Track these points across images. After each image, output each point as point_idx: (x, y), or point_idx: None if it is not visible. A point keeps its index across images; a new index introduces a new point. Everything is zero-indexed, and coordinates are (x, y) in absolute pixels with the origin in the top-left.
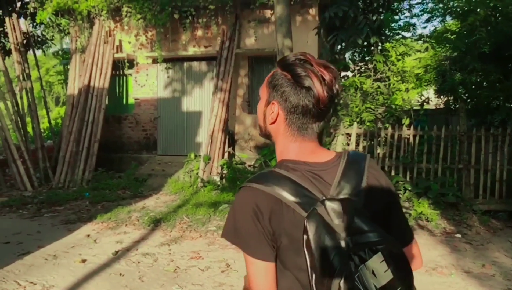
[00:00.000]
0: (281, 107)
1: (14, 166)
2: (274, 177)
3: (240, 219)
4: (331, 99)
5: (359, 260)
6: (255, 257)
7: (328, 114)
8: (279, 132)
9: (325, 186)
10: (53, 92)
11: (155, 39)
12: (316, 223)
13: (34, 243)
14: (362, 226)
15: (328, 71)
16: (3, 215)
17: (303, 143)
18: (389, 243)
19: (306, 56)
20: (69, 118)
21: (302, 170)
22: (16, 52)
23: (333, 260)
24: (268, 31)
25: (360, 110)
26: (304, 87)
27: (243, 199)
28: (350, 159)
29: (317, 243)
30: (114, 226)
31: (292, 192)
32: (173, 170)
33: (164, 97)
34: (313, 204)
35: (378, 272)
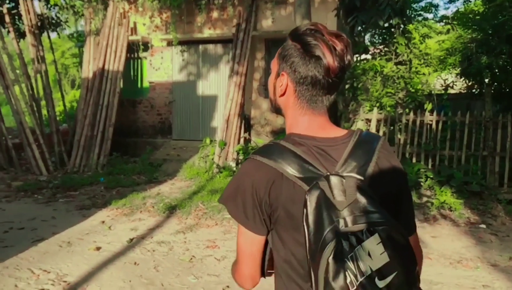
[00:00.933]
0: (290, 79)
1: (29, 150)
2: (279, 150)
3: (239, 189)
4: (342, 70)
5: (356, 240)
6: (246, 227)
7: (339, 87)
8: (288, 105)
9: (331, 162)
10: (68, 74)
11: (170, 21)
12: (316, 198)
13: (48, 229)
14: (365, 205)
15: (339, 40)
16: (18, 200)
17: (312, 116)
18: (389, 225)
19: (317, 26)
20: (83, 102)
21: (309, 144)
22: (31, 34)
23: (326, 235)
24: (285, 12)
25: (380, 95)
26: (314, 56)
27: (245, 170)
28: (361, 138)
29: (314, 218)
30: (129, 213)
31: (295, 167)
32: (188, 155)
33: (179, 80)
34: (316, 179)
35: (374, 254)
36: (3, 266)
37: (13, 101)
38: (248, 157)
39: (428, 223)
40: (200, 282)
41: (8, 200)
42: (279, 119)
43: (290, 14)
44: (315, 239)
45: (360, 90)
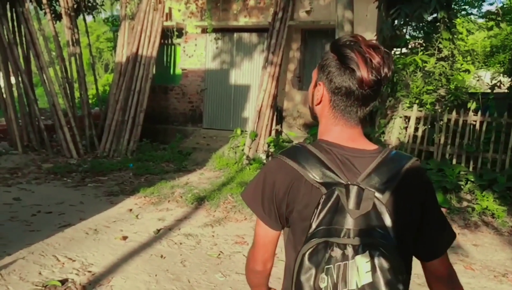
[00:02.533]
0: (326, 88)
1: (61, 133)
2: (305, 154)
3: (260, 185)
4: (377, 83)
5: (352, 252)
6: (263, 221)
7: (375, 99)
8: (323, 114)
9: (354, 172)
10: (102, 58)
11: (206, 8)
12: (330, 201)
13: (76, 215)
14: (373, 221)
15: (376, 53)
16: (48, 183)
17: (344, 127)
18: (385, 248)
19: (356, 37)
20: (116, 86)
21: (335, 152)
22: (67, 16)
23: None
24: (324, 2)
25: (420, 91)
26: (348, 68)
27: (269, 169)
28: (390, 156)
29: (321, 219)
30: (156, 202)
31: (317, 172)
32: (218, 144)
33: (212, 68)
34: (335, 185)
35: (361, 271)
36: (29, 251)
37: (47, 82)
38: (275, 156)
39: (468, 230)
40: (228, 280)
41: (38, 182)
42: None
43: (328, 5)
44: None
45: (399, 86)
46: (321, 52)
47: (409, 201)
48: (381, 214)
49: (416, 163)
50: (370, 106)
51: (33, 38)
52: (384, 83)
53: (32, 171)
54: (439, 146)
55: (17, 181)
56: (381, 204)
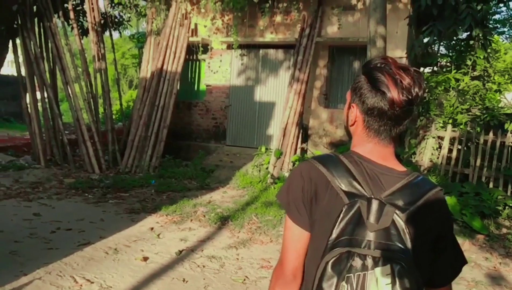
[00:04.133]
0: (359, 110)
1: (84, 147)
2: (335, 162)
3: (292, 186)
4: (408, 103)
5: (372, 264)
6: (294, 221)
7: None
8: (357, 132)
9: (379, 188)
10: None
11: (232, 23)
12: (351, 212)
13: (96, 233)
14: (394, 237)
15: (407, 74)
16: (69, 198)
17: (377, 145)
18: (406, 263)
19: (387, 59)
20: (140, 102)
21: (365, 166)
22: (93, 32)
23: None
24: (353, 19)
25: (454, 111)
26: (379, 90)
27: (301, 170)
28: (416, 180)
29: (341, 229)
30: (179, 221)
31: (344, 180)
32: (241, 162)
33: (236, 85)
34: (358, 196)
35: (380, 283)
36: (46, 271)
37: (72, 97)
38: (307, 160)
39: (510, 259)
40: None
41: (59, 198)
42: (338, 131)
43: (357, 21)
44: (331, 245)
45: (431, 105)
46: (349, 69)
47: (427, 227)
48: (401, 231)
49: (440, 193)
50: (403, 125)
51: (59, 53)
52: (417, 103)
53: (53, 186)
54: (475, 168)
55: (38, 196)
56: (401, 222)
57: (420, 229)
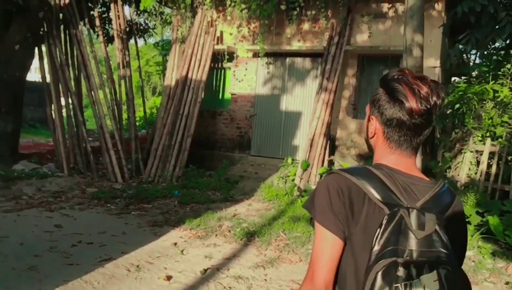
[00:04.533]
0: (379, 121)
1: (107, 156)
2: (367, 173)
3: (323, 194)
4: (427, 112)
5: (416, 272)
6: (327, 228)
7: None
8: (378, 144)
9: (413, 198)
10: (151, 82)
11: (258, 31)
12: (393, 222)
13: (117, 247)
14: (435, 243)
15: (424, 83)
16: (91, 209)
17: (400, 157)
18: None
19: (403, 71)
20: (164, 110)
21: (396, 177)
22: (118, 39)
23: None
24: (384, 27)
25: (493, 123)
26: (398, 100)
27: (332, 180)
28: (444, 189)
29: (385, 239)
30: (203, 236)
31: (380, 191)
32: (266, 173)
33: (262, 94)
34: (397, 206)
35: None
36: (65, 289)
37: (96, 104)
38: (335, 172)
39: None
40: None
41: (81, 208)
42: None
43: (388, 29)
44: (376, 257)
45: (468, 117)
46: (379, 79)
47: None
48: (442, 237)
49: (461, 202)
50: (423, 135)
51: (84, 60)
52: (435, 112)
53: (76, 195)
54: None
55: (60, 206)
56: (441, 229)
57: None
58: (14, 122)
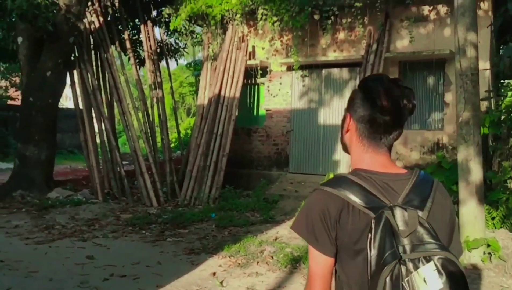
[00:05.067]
0: (353, 118)
1: (141, 179)
2: (347, 182)
3: (311, 217)
4: (397, 112)
5: (413, 266)
6: (319, 250)
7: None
8: (352, 142)
9: (393, 195)
10: (185, 103)
11: (291, 44)
12: (382, 224)
13: (152, 280)
14: (424, 236)
15: (396, 86)
16: (125, 236)
17: (374, 154)
18: (444, 255)
19: (380, 75)
20: (198, 130)
21: (374, 179)
22: (149, 60)
23: (386, 257)
24: (425, 31)
25: None
26: (371, 98)
27: (315, 200)
28: (420, 177)
29: (378, 242)
30: (244, 263)
31: (362, 197)
32: (306, 191)
33: (298, 108)
34: (381, 208)
35: (429, 280)
36: None
37: (129, 128)
38: (317, 188)
39: None
40: None
41: (114, 236)
42: (413, 154)
43: (431, 33)
44: (376, 261)
45: None
46: (423, 85)
47: (442, 215)
48: (428, 229)
49: (440, 183)
50: (393, 134)
51: (116, 84)
52: (406, 114)
53: (110, 223)
54: None
55: (93, 235)
56: (424, 220)
57: (439, 220)
58: (48, 149)
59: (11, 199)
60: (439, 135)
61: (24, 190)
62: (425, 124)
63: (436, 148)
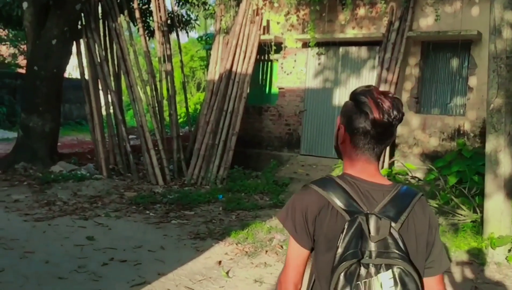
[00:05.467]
0: (347, 130)
1: (147, 156)
2: (332, 184)
3: (294, 209)
4: (389, 124)
5: (375, 271)
6: (295, 240)
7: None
8: (346, 151)
9: (372, 203)
10: (195, 77)
11: (308, 19)
12: (354, 228)
13: (154, 267)
14: (390, 245)
15: (387, 98)
16: (128, 216)
17: (365, 164)
18: (404, 265)
19: (370, 87)
20: (207, 107)
21: (358, 185)
22: (159, 31)
23: (346, 255)
24: (452, 9)
25: None
26: (363, 112)
27: (301, 195)
28: (402, 190)
29: (346, 243)
30: (251, 252)
31: (342, 200)
32: (318, 175)
33: (312, 87)
34: (357, 213)
35: (384, 286)
36: None
37: (136, 101)
38: (306, 185)
39: None
40: None
41: (117, 215)
42: (432, 139)
43: (458, 11)
44: (339, 259)
45: None
46: (446, 68)
47: (418, 229)
48: (397, 239)
49: (422, 198)
50: (385, 144)
51: (124, 55)
52: (396, 124)
53: (113, 201)
54: None
55: (95, 213)
56: (395, 231)
57: (412, 234)
58: (53, 121)
59: (13, 171)
60: (461, 121)
61: (27, 162)
62: (446, 109)
63: (456, 134)
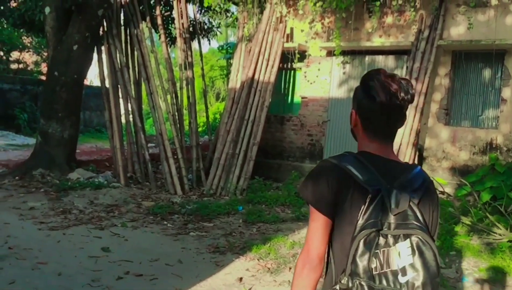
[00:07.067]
0: (358, 114)
1: (166, 165)
2: (353, 160)
3: (316, 181)
4: (397, 106)
5: (393, 241)
6: (318, 210)
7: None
8: (359, 134)
9: (392, 178)
10: (214, 87)
11: (333, 27)
12: (376, 201)
13: (171, 282)
14: (410, 217)
15: (394, 81)
16: (145, 227)
17: (378, 144)
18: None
19: (379, 71)
20: (228, 115)
21: (377, 161)
22: (181, 38)
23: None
24: (485, 18)
25: None
26: (371, 96)
27: (322, 168)
28: (417, 170)
29: (368, 214)
30: (274, 268)
31: (364, 174)
32: None
33: (336, 97)
34: (379, 186)
35: (402, 255)
36: None
37: (156, 109)
38: (326, 159)
39: None
40: None
41: (134, 226)
42: (462, 153)
43: (492, 20)
44: (360, 228)
45: None
46: (478, 79)
47: (430, 207)
48: (415, 212)
49: (431, 180)
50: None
51: (145, 62)
52: (405, 105)
53: (130, 210)
54: None
55: (111, 223)
56: (415, 205)
57: (427, 209)
58: (72, 128)
59: (31, 178)
60: (493, 134)
61: (45, 169)
62: (477, 122)
63: (488, 148)
